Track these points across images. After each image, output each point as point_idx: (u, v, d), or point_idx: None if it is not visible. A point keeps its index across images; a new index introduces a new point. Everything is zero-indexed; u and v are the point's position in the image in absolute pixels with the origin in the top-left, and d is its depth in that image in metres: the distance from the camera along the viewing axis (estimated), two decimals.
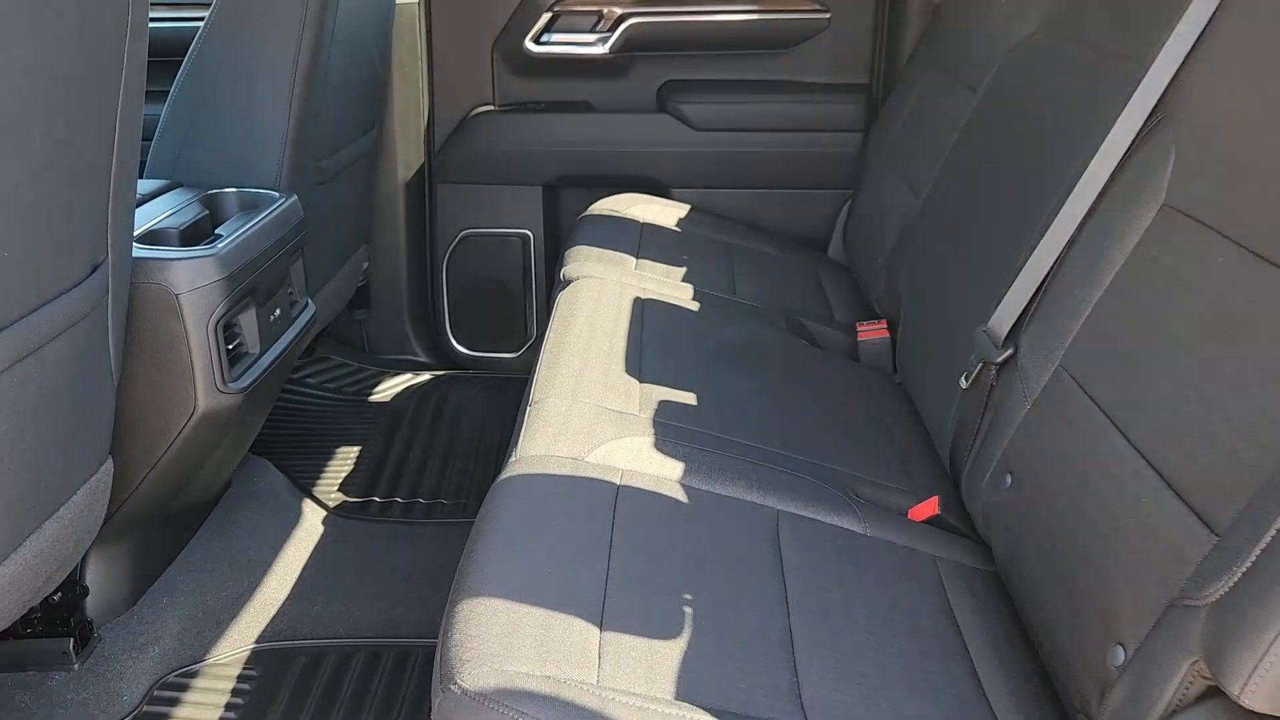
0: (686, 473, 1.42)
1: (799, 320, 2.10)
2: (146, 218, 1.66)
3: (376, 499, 2.24)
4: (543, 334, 1.99)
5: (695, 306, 2.00)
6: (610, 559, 1.19)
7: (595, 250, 2.23)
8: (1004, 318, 1.43)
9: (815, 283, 2.39)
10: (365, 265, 2.78)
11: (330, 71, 2.05)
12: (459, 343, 2.88)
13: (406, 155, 2.72)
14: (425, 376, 2.83)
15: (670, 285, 2.10)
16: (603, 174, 2.70)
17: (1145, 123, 1.30)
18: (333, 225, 2.30)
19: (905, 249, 1.98)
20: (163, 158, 1.93)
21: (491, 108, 2.74)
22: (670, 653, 1.07)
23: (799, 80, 2.68)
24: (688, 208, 2.62)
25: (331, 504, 2.20)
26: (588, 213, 2.51)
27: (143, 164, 1.92)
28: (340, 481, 2.29)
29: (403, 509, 2.21)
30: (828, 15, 2.62)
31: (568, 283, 2.03)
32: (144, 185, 1.81)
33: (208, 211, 1.78)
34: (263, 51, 1.89)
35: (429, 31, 2.68)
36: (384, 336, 2.87)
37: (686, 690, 1.03)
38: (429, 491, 2.27)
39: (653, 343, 1.79)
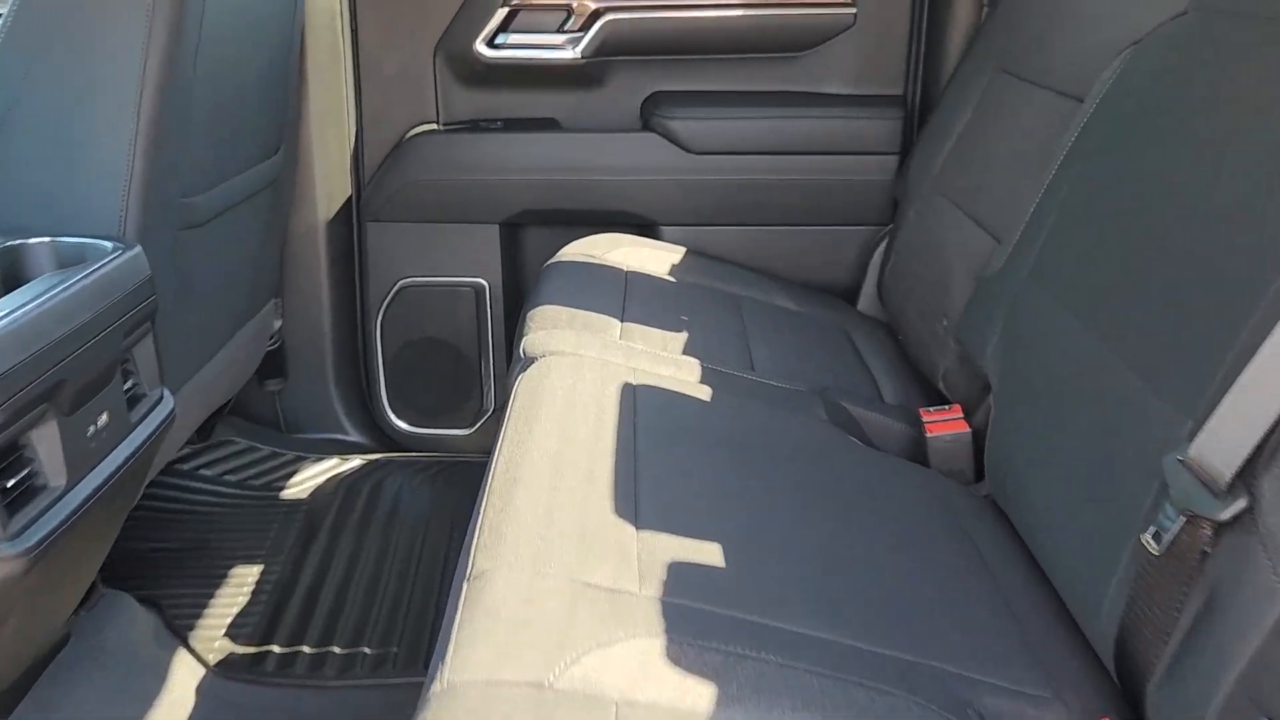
0: (719, 703, 0.87)
1: (841, 406, 1.56)
2: None
3: (275, 648, 1.67)
4: (502, 407, 1.47)
5: (704, 393, 1.46)
6: None
7: (566, 312, 1.68)
8: (1221, 444, 0.90)
9: (849, 348, 1.86)
10: (277, 324, 2.22)
11: (200, 77, 1.50)
12: (398, 417, 2.32)
13: (328, 186, 2.17)
14: (355, 462, 2.26)
15: (668, 361, 1.56)
16: (575, 209, 2.16)
17: None
18: (219, 279, 1.74)
19: (989, 310, 1.44)
20: None
21: (434, 127, 2.20)
22: None
23: (818, 91, 2.15)
24: (682, 251, 2.09)
25: (213, 658, 1.63)
26: (556, 259, 1.96)
27: None
28: (229, 622, 1.72)
29: (310, 664, 1.64)
30: (853, 10, 2.10)
31: (530, 361, 1.48)
32: None
33: (1, 271, 1.22)
34: (93, 49, 1.34)
35: (353, 30, 2.14)
36: (304, 411, 2.31)
37: None
38: (347, 636, 1.71)
39: (651, 457, 1.24)
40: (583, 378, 1.40)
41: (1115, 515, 1.00)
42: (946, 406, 1.53)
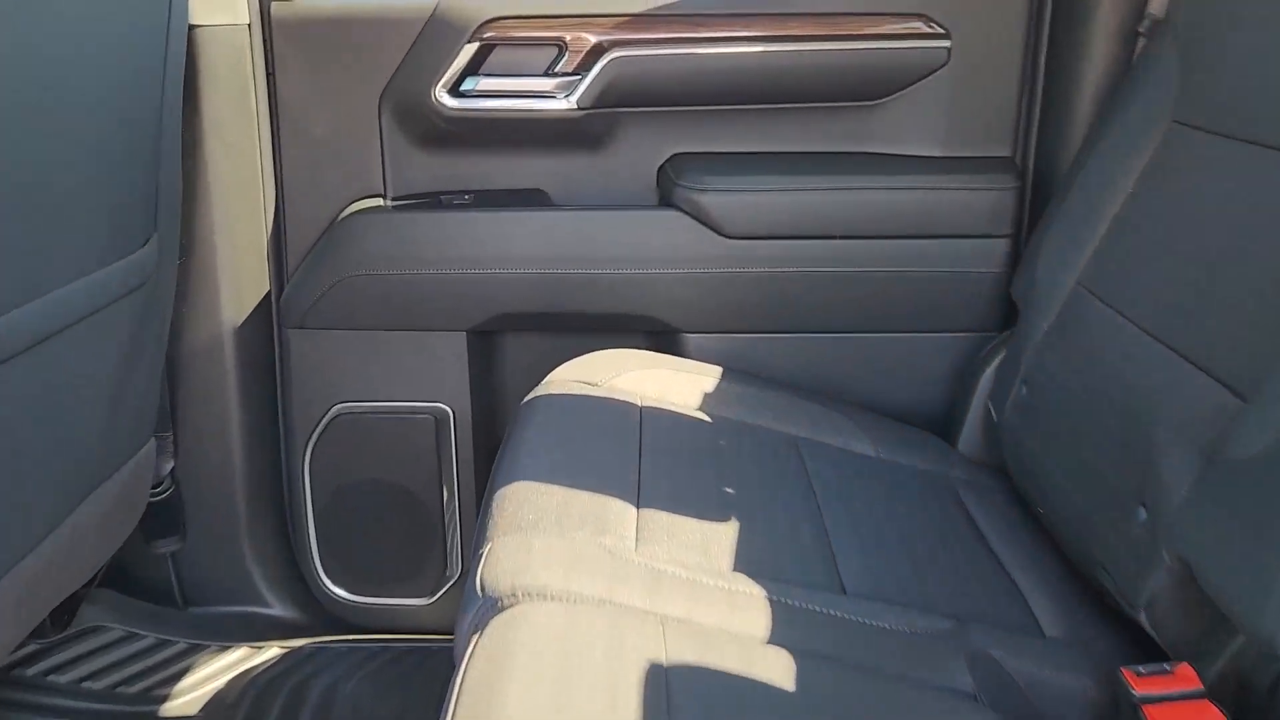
0: None
1: (993, 662, 0.98)
2: None
3: None
4: (470, 568, 0.93)
5: (782, 667, 0.88)
6: None
7: (554, 495, 1.10)
8: None
9: (968, 526, 1.28)
10: (168, 467, 1.65)
11: None
12: (334, 584, 1.73)
13: (236, 283, 1.61)
14: (272, 650, 1.68)
15: (715, 594, 0.98)
16: (569, 312, 1.60)
17: None
18: (47, 432, 1.17)
19: (1258, 523, 0.87)
20: None
21: (380, 203, 1.64)
22: None
23: (897, 153, 1.60)
24: (717, 372, 1.52)
25: None
26: (541, 391, 1.39)
27: None
28: None
29: None
30: (947, 44, 1.55)
31: (492, 606, 0.90)
32: None
33: None
34: None
35: (270, 75, 1.58)
36: (209, 578, 1.72)
37: None
38: None
39: None
40: (580, 649, 0.82)
41: None
42: (1168, 668, 0.95)
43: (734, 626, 0.93)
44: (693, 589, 0.97)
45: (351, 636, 1.74)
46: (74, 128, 1.13)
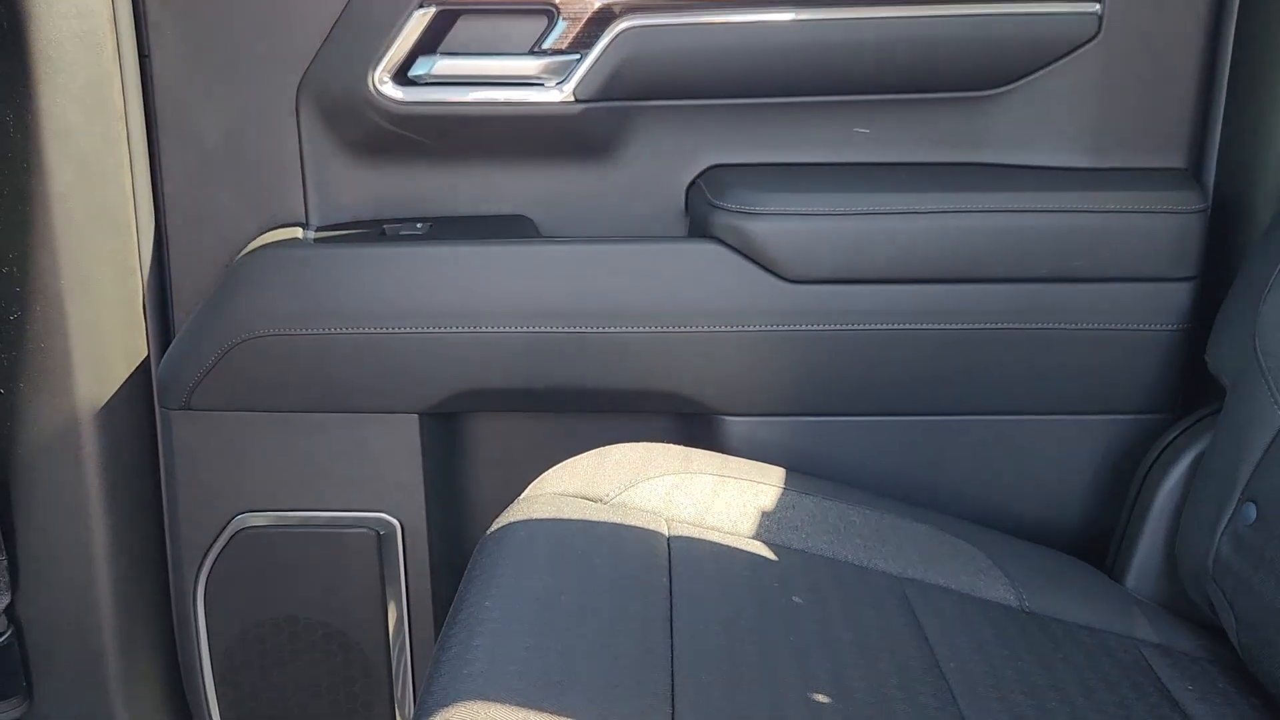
0: None
1: None
2: None
3: None
4: None
5: None
6: None
7: (534, 695, 0.64)
8: None
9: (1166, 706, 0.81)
10: (3, 602, 1.18)
11: None
12: None
13: (95, 348, 1.15)
14: None
15: None
16: (561, 387, 1.14)
17: None
18: None
19: None
20: None
21: (298, 234, 1.18)
22: None
23: (1025, 164, 1.15)
24: (779, 477, 1.05)
25: None
26: (515, 516, 0.92)
27: None
28: None
29: None
30: (1097, 8, 1.10)
31: None
32: None
33: None
34: None
35: (143, 55, 1.13)
36: None
37: None
38: None
39: None
40: None
41: None
42: None
43: None
44: None
45: None
46: None
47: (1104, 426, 1.12)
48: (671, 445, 1.06)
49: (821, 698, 0.73)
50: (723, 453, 1.10)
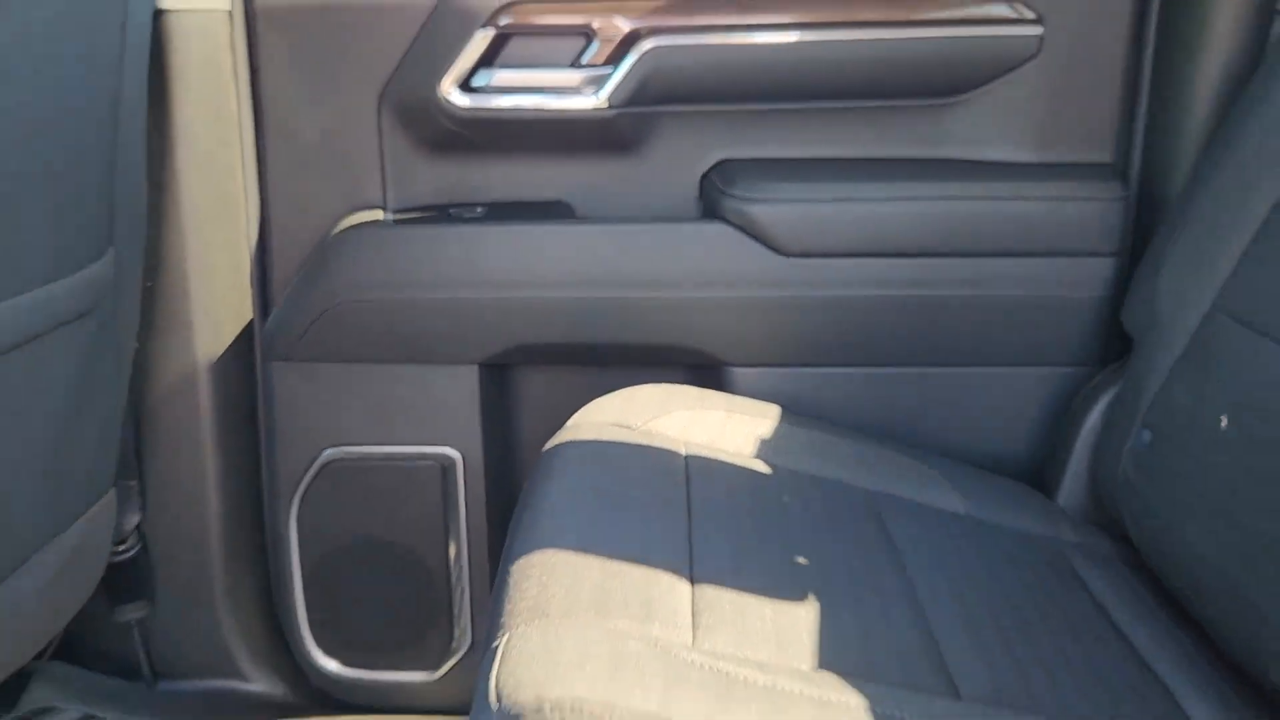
0: None
1: None
2: None
3: None
4: (482, 641, 0.71)
5: None
6: None
7: (587, 567, 0.87)
8: None
9: (1090, 608, 1.04)
10: (133, 522, 1.43)
11: None
12: (326, 655, 1.50)
13: (213, 309, 1.39)
14: None
15: (805, 705, 0.75)
16: (598, 342, 1.37)
17: None
18: None
19: None
20: None
21: (379, 216, 1.42)
22: None
23: (980, 159, 1.38)
24: (775, 413, 1.29)
25: None
26: (566, 437, 1.17)
27: None
28: None
29: None
30: (1038, 31, 1.33)
31: None
32: None
33: None
34: None
35: (253, 68, 1.38)
36: (180, 649, 1.50)
37: None
38: None
39: None
40: None
41: None
42: None
43: None
44: (771, 698, 0.74)
45: (345, 717, 1.50)
46: (24, 118, 0.92)
47: (1042, 376, 1.35)
48: (688, 386, 1.30)
49: (802, 560, 0.97)
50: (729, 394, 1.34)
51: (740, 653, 0.81)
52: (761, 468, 1.17)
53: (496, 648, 0.78)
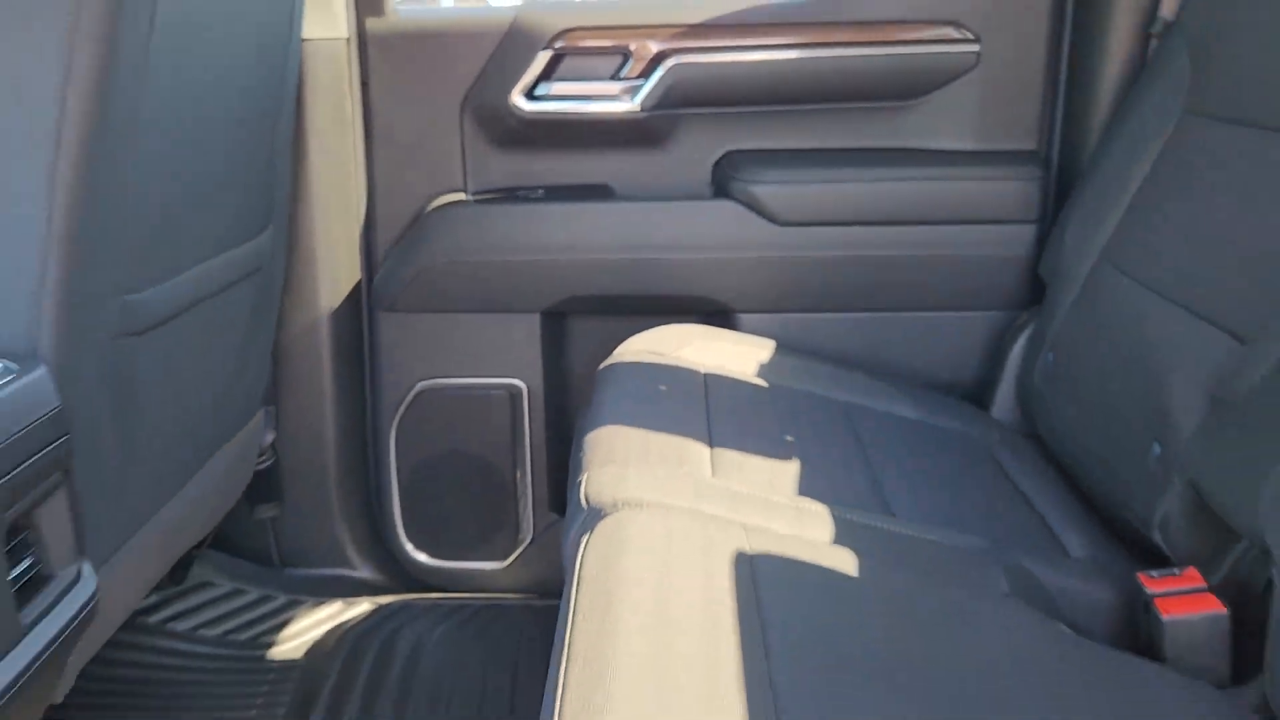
0: None
1: (1027, 572, 1.13)
2: None
3: None
4: (541, 536, 1.07)
5: (846, 561, 1.03)
6: None
7: (637, 436, 1.26)
8: None
9: (1000, 475, 1.43)
10: (270, 438, 1.81)
11: (147, 145, 1.11)
12: (416, 549, 1.89)
13: (332, 271, 1.78)
14: (363, 606, 1.84)
15: (786, 510, 1.13)
16: (634, 295, 1.76)
17: None
18: (181, 396, 1.34)
19: (1253, 444, 1.02)
20: None
21: (461, 197, 1.81)
22: None
23: (933, 148, 1.76)
24: (770, 345, 1.67)
25: None
26: (614, 360, 1.55)
27: None
28: None
29: None
30: (976, 48, 1.71)
31: (597, 515, 1.06)
32: None
33: None
34: None
35: (364, 85, 1.76)
36: (303, 542, 1.89)
37: None
38: None
39: (793, 672, 0.81)
40: (677, 547, 0.97)
41: None
42: (1176, 571, 1.09)
43: (804, 535, 1.08)
44: (766, 505, 1.13)
45: (433, 595, 1.89)
46: (222, 128, 1.30)
47: (980, 317, 1.73)
48: (705, 326, 1.68)
49: (789, 438, 1.36)
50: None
51: (745, 484, 1.19)
52: (761, 384, 1.55)
53: (580, 480, 1.16)
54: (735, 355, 1.62)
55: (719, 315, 1.77)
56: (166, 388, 1.28)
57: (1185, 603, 1.05)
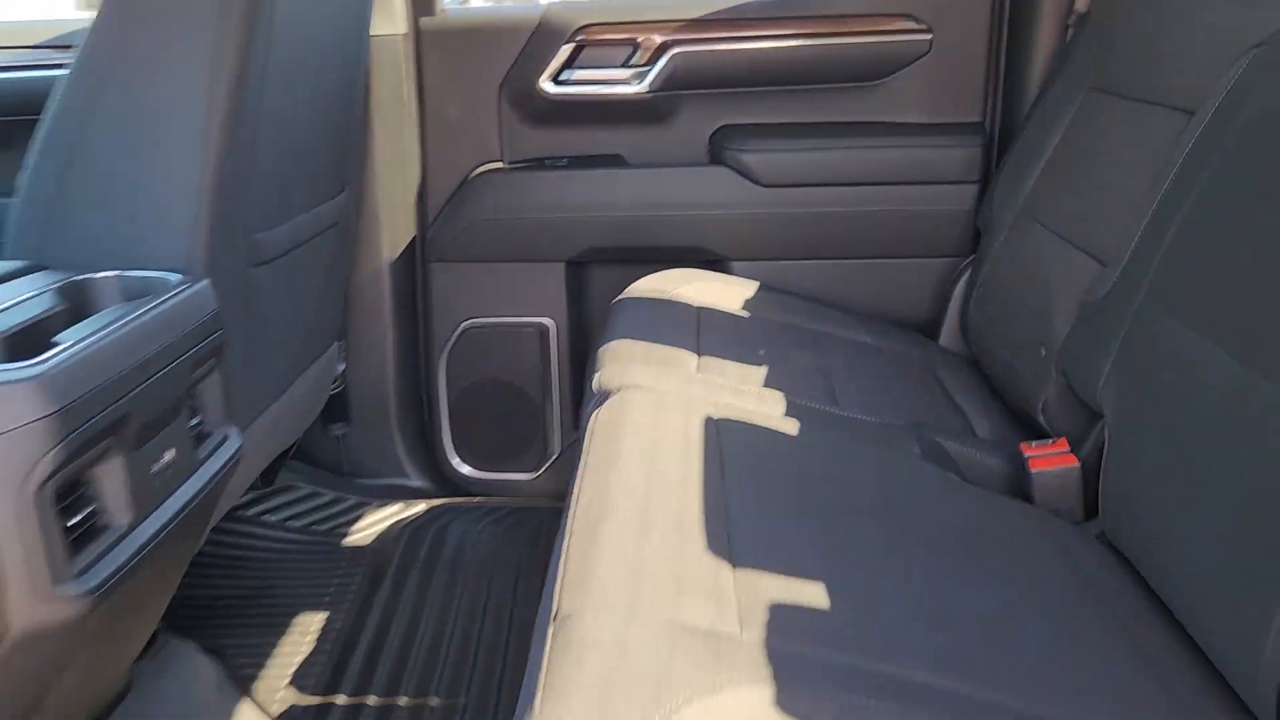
0: None
1: (935, 441, 1.47)
2: None
3: (339, 700, 1.60)
4: (567, 450, 1.41)
5: (791, 427, 1.38)
6: None
7: (640, 346, 1.62)
8: None
9: (935, 382, 1.77)
10: (341, 367, 2.18)
11: (265, 115, 1.47)
12: (461, 461, 2.26)
13: (392, 228, 2.14)
14: (419, 507, 2.21)
15: (751, 395, 1.48)
16: (642, 245, 2.11)
17: None
18: (287, 319, 1.71)
19: (1100, 337, 1.35)
20: (26, 233, 1.35)
21: (499, 165, 2.16)
22: None
23: (892, 120, 2.09)
24: (755, 286, 2.02)
25: (276, 709, 1.57)
26: (626, 295, 1.91)
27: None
28: (292, 673, 1.66)
29: (375, 716, 1.57)
30: (929, 37, 2.04)
31: (605, 396, 1.42)
32: None
33: (67, 305, 1.18)
34: (159, 89, 1.32)
35: (419, 72, 2.12)
36: (367, 456, 2.26)
37: None
38: (414, 685, 1.64)
39: (741, 491, 1.17)
40: (663, 412, 1.33)
41: (1273, 570, 0.90)
42: (1050, 440, 1.43)
43: (760, 410, 1.43)
44: (736, 392, 1.48)
45: (475, 499, 2.26)
46: (316, 108, 1.66)
47: (931, 263, 2.06)
48: (700, 269, 2.03)
49: (762, 352, 1.70)
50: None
51: (724, 379, 1.54)
52: (744, 315, 1.90)
53: (595, 376, 1.51)
54: (725, 294, 1.96)
55: (713, 262, 2.12)
56: (275, 311, 1.65)
57: (1050, 461, 1.39)
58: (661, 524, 1.06)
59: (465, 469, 2.26)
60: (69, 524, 1.02)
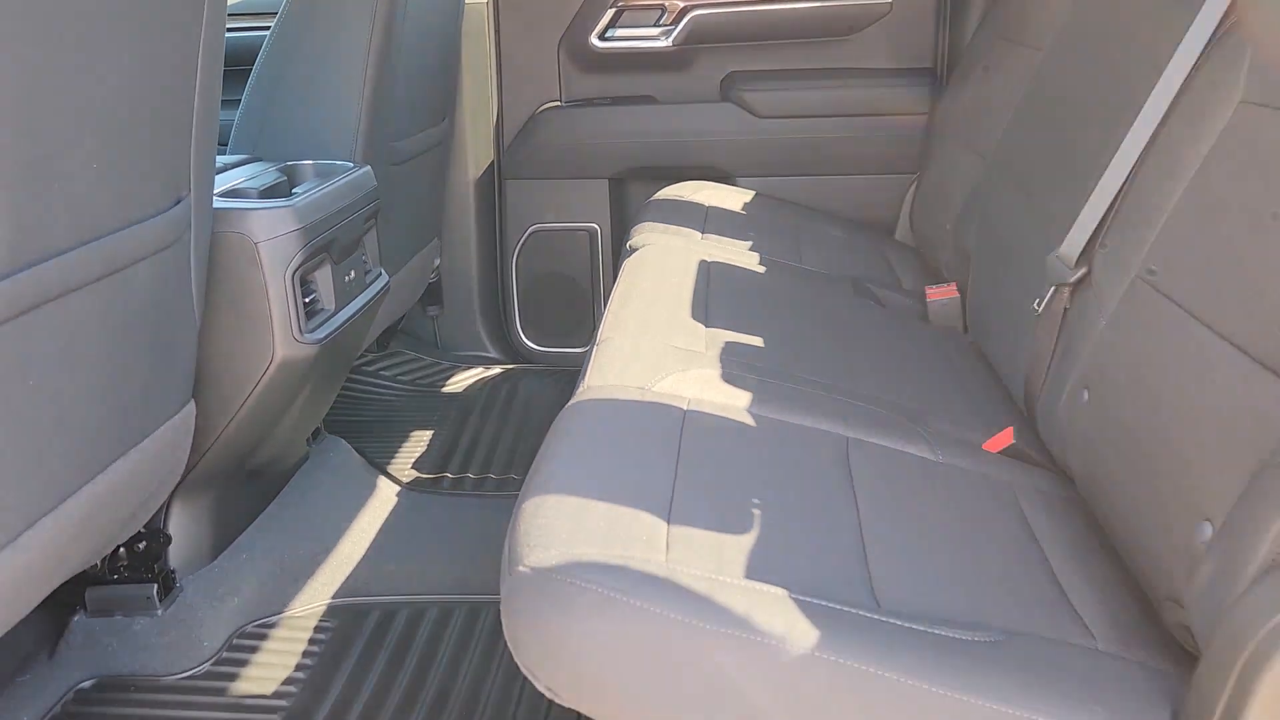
0: (754, 402, 1.41)
1: (866, 286, 2.09)
2: (227, 180, 1.73)
3: (449, 475, 2.26)
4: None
5: (766, 273, 2.01)
6: (678, 467, 1.19)
7: (661, 225, 2.25)
8: (1075, 241, 1.41)
9: (882, 258, 2.38)
10: (437, 262, 2.84)
11: (401, 57, 2.11)
12: (528, 338, 2.91)
13: (476, 152, 2.78)
14: (495, 370, 2.86)
15: (737, 253, 2.11)
16: (668, 165, 2.74)
17: (1216, 29, 1.29)
18: (407, 209, 2.36)
19: (974, 209, 1.96)
20: (244, 136, 2.01)
21: (558, 104, 2.80)
22: (739, 543, 1.07)
23: (862, 67, 2.69)
24: (753, 193, 2.64)
25: (405, 480, 2.23)
26: (654, 198, 2.54)
27: (225, 143, 2.01)
28: (413, 461, 2.32)
29: (474, 484, 2.23)
30: (890, 0, 2.64)
31: (633, 250, 2.05)
32: (225, 159, 1.89)
33: (285, 178, 1.84)
34: (337, 35, 1.97)
35: (497, 31, 2.76)
36: (455, 333, 2.92)
37: (755, 572, 1.02)
38: (500, 467, 2.29)
39: (719, 296, 1.80)
40: (673, 256, 1.96)
41: (1023, 304, 1.52)
42: (946, 284, 2.04)
43: (743, 261, 2.05)
44: (726, 251, 2.10)
45: (538, 366, 2.91)
46: (431, 52, 2.31)
47: (890, 178, 2.67)
48: (712, 182, 2.65)
49: (752, 234, 2.32)
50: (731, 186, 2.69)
51: (719, 243, 2.17)
52: (742, 213, 2.52)
53: (627, 243, 2.14)
54: (730, 198, 2.58)
55: (723, 176, 2.74)
56: (400, 201, 2.30)
57: (940, 293, 2.00)
58: (665, 305, 1.70)
59: (530, 343, 2.91)
60: (305, 301, 1.68)
